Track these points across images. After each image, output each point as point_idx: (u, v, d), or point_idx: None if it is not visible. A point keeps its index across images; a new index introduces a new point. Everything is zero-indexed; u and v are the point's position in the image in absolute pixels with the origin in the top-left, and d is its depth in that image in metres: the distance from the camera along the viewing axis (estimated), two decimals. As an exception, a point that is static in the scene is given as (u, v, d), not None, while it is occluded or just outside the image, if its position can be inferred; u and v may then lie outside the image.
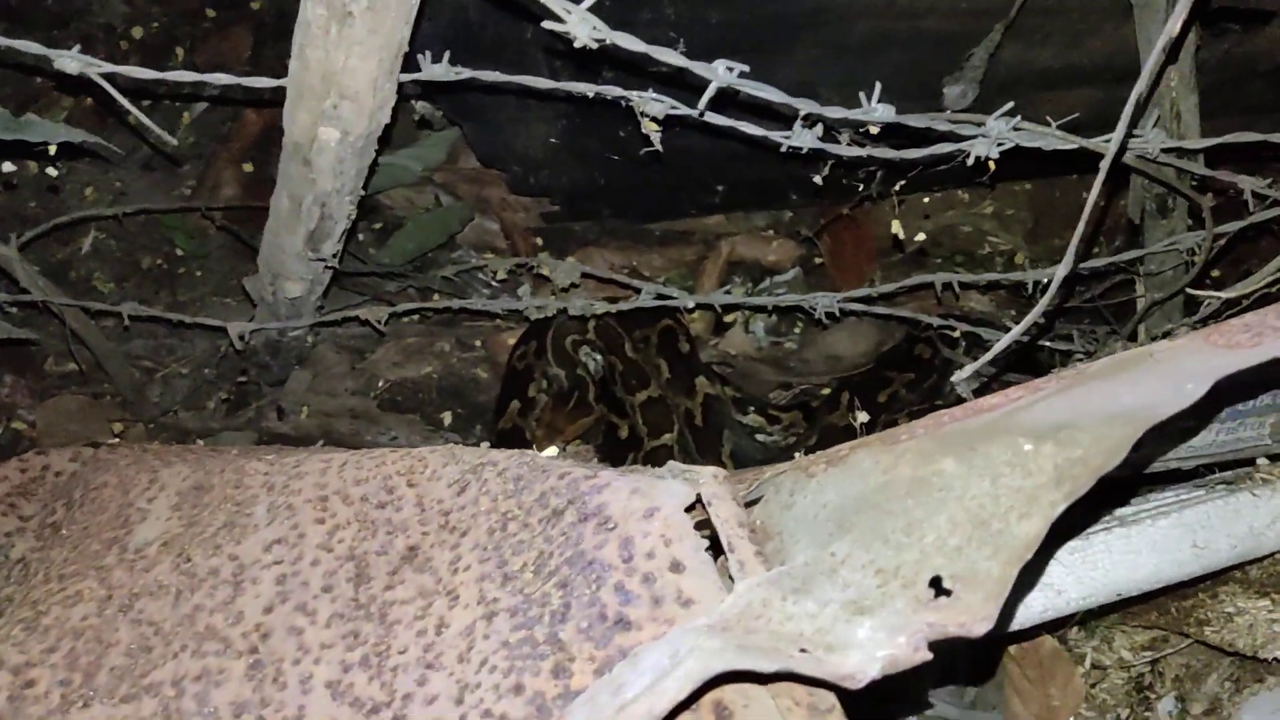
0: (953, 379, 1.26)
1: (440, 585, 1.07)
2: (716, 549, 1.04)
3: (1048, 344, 2.16)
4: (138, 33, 2.88)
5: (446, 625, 1.02)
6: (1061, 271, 1.22)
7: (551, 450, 2.50)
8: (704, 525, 1.04)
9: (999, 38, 1.83)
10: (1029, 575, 0.77)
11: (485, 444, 2.60)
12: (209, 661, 1.04)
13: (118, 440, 1.56)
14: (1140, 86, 1.36)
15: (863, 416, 1.85)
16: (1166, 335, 1.87)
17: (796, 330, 2.84)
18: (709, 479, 1.01)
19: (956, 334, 2.31)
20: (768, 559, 0.97)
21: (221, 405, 2.63)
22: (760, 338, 2.84)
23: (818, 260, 2.96)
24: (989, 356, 1.22)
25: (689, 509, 1.01)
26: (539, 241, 2.89)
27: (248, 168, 2.84)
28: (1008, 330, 2.49)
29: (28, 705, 1.03)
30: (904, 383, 2.62)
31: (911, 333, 2.69)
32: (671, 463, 1.12)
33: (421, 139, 2.72)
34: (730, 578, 0.96)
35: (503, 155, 2.57)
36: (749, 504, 1.10)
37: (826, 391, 2.71)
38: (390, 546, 1.14)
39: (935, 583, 0.82)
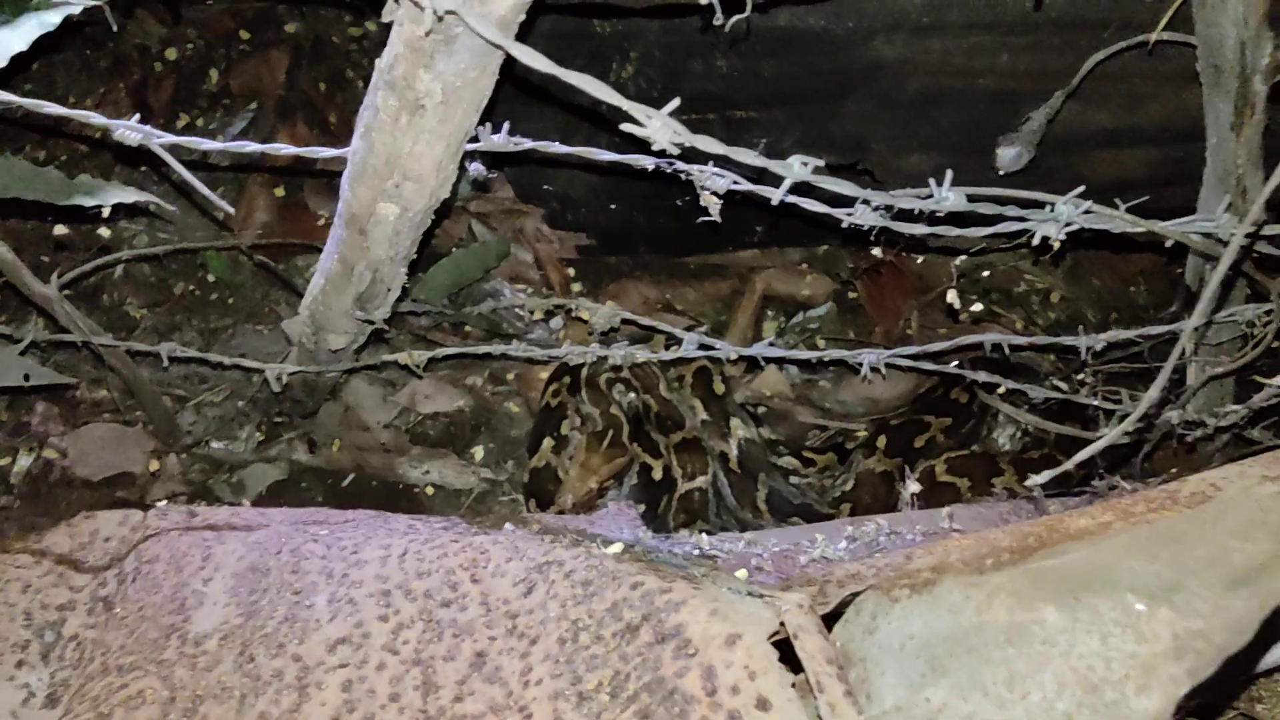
0: (1028, 484, 1.22)
1: (511, 700, 1.05)
2: (791, 664, 1.02)
3: (1095, 402, 2.12)
4: (172, 54, 2.86)
5: (521, 748, 1.00)
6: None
7: (591, 485, 2.48)
8: (780, 645, 1.02)
9: (1060, 104, 1.80)
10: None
11: (520, 480, 2.59)
12: (278, 778, 1.03)
13: (165, 503, 1.54)
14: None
15: (914, 487, 1.82)
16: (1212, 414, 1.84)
17: (831, 370, 2.81)
18: (795, 609, 0.99)
19: (1001, 388, 2.28)
20: (855, 696, 0.94)
21: (254, 436, 2.62)
22: (794, 375, 2.82)
23: (852, 295, 2.93)
24: (1071, 464, 1.18)
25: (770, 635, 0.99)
26: (572, 272, 2.87)
27: (279, 192, 2.83)
28: (1048, 378, 2.47)
29: (94, 821, 1.01)
30: (941, 428, 2.59)
31: (949, 376, 2.66)
32: (729, 577, 1.09)
33: (469, 185, 2.70)
34: (818, 717, 0.93)
35: (541, 192, 2.55)
36: (824, 617, 1.08)
37: (862, 434, 2.68)
38: (457, 652, 1.12)
39: (1043, 750, 0.80)
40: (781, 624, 1.00)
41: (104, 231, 2.50)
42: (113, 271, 2.71)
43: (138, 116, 1.30)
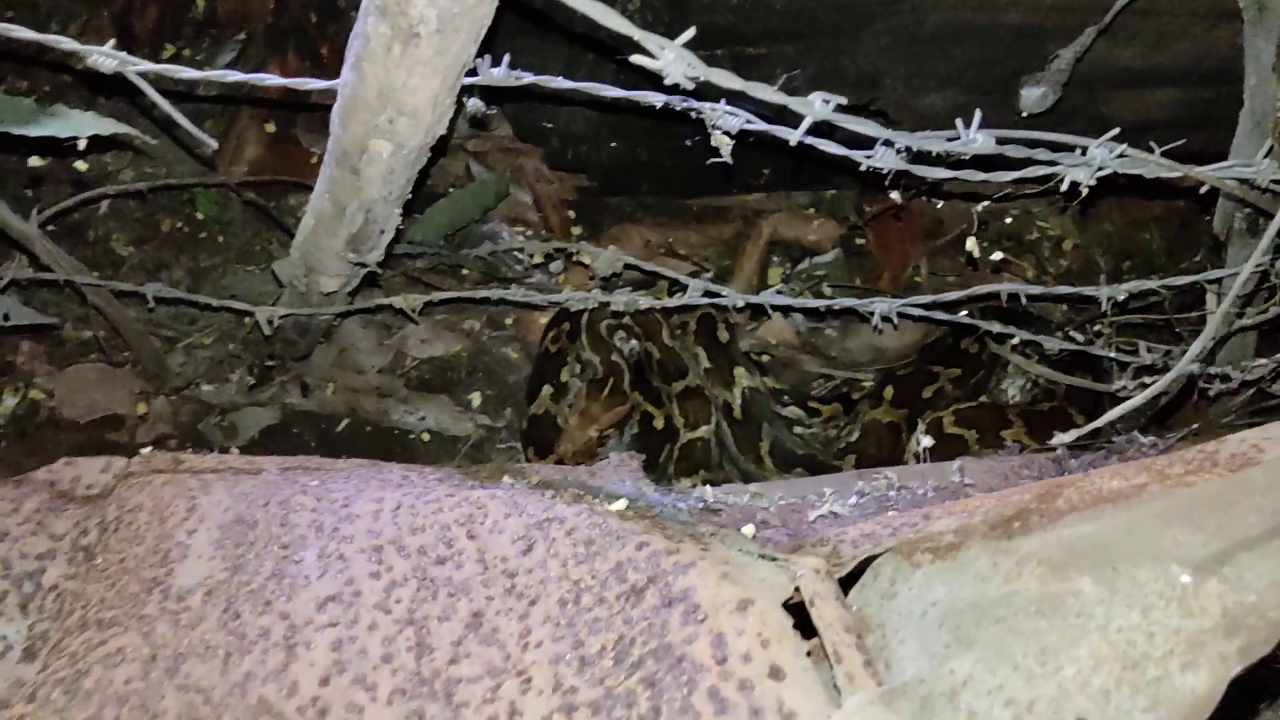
0: (1052, 442, 1.16)
1: (510, 663, 1.00)
2: (804, 630, 0.96)
3: (1111, 354, 2.06)
4: (157, -19, 2.74)
5: (520, 713, 0.95)
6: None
7: (591, 434, 2.43)
8: (794, 611, 0.97)
9: (1090, 42, 1.71)
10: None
11: (518, 427, 2.53)
12: (264, 742, 0.98)
13: (150, 450, 1.48)
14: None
15: (926, 441, 1.76)
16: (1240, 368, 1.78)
17: (837, 318, 2.74)
18: (810, 574, 0.93)
19: (1014, 339, 2.21)
20: (874, 665, 0.89)
21: (245, 379, 2.55)
22: (800, 324, 2.75)
23: (859, 241, 2.86)
24: (1094, 425, 1.12)
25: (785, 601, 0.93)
26: (572, 214, 2.79)
27: (270, 128, 2.74)
28: (1060, 329, 2.41)
29: (70, 786, 0.96)
30: (950, 378, 2.53)
31: (958, 326, 2.59)
32: (755, 540, 1.04)
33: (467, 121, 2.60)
34: (835, 686, 0.88)
35: (541, 130, 2.46)
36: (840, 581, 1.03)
37: (869, 384, 2.62)
38: (453, 611, 1.06)
39: (1079, 730, 0.74)
40: (796, 589, 0.95)
41: (80, 165, 2.40)
42: (97, 208, 2.62)
43: (113, 43, 1.21)
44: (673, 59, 0.97)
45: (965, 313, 2.18)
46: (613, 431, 2.48)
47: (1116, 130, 1.33)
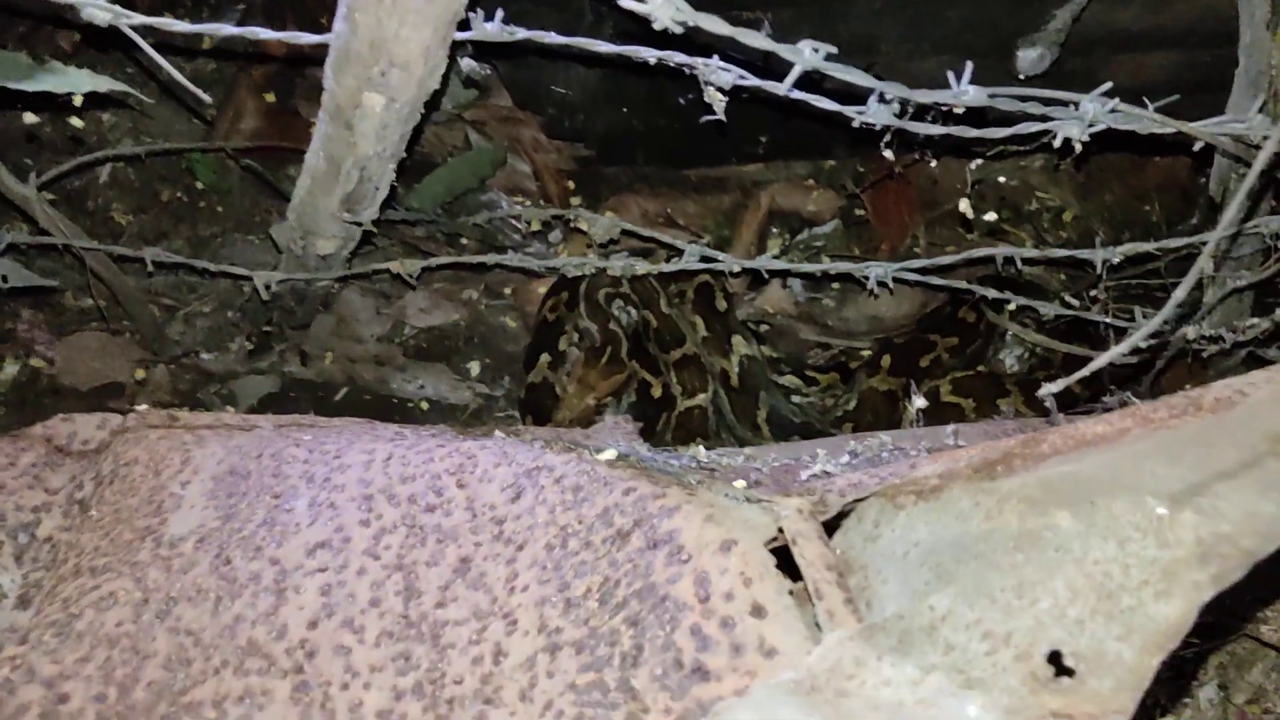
0: (1040, 392, 1.17)
1: (496, 605, 1.01)
2: (788, 573, 0.97)
3: (1106, 320, 2.06)
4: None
5: (505, 654, 0.96)
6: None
7: (588, 402, 2.43)
8: (778, 553, 0.98)
9: (1086, 1, 1.70)
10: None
11: (515, 395, 2.54)
12: (252, 681, 0.98)
13: (146, 407, 1.49)
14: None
15: (920, 403, 1.76)
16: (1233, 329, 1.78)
17: (835, 287, 2.74)
18: (793, 514, 0.94)
19: (1010, 305, 2.21)
20: (855, 603, 0.90)
21: (244, 347, 2.56)
22: (798, 293, 2.75)
23: (858, 212, 2.85)
24: (1085, 373, 1.12)
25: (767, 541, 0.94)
26: (571, 185, 2.79)
27: (269, 97, 2.73)
28: (1057, 297, 2.40)
29: (62, 723, 0.98)
30: (947, 347, 2.53)
31: (956, 294, 2.59)
32: (741, 486, 1.04)
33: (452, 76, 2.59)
34: (816, 624, 0.89)
35: (539, 98, 2.46)
36: (824, 525, 1.03)
37: (866, 353, 2.62)
38: (441, 557, 1.07)
39: (1054, 658, 0.75)
40: (779, 530, 0.95)
41: (76, 121, 2.40)
42: (97, 176, 2.63)
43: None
44: (660, 2, 0.97)
45: (963, 281, 2.18)
46: (610, 400, 2.49)
47: (1109, 85, 1.32)
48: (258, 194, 2.68)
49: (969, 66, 1.26)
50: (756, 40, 1.10)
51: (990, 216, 2.43)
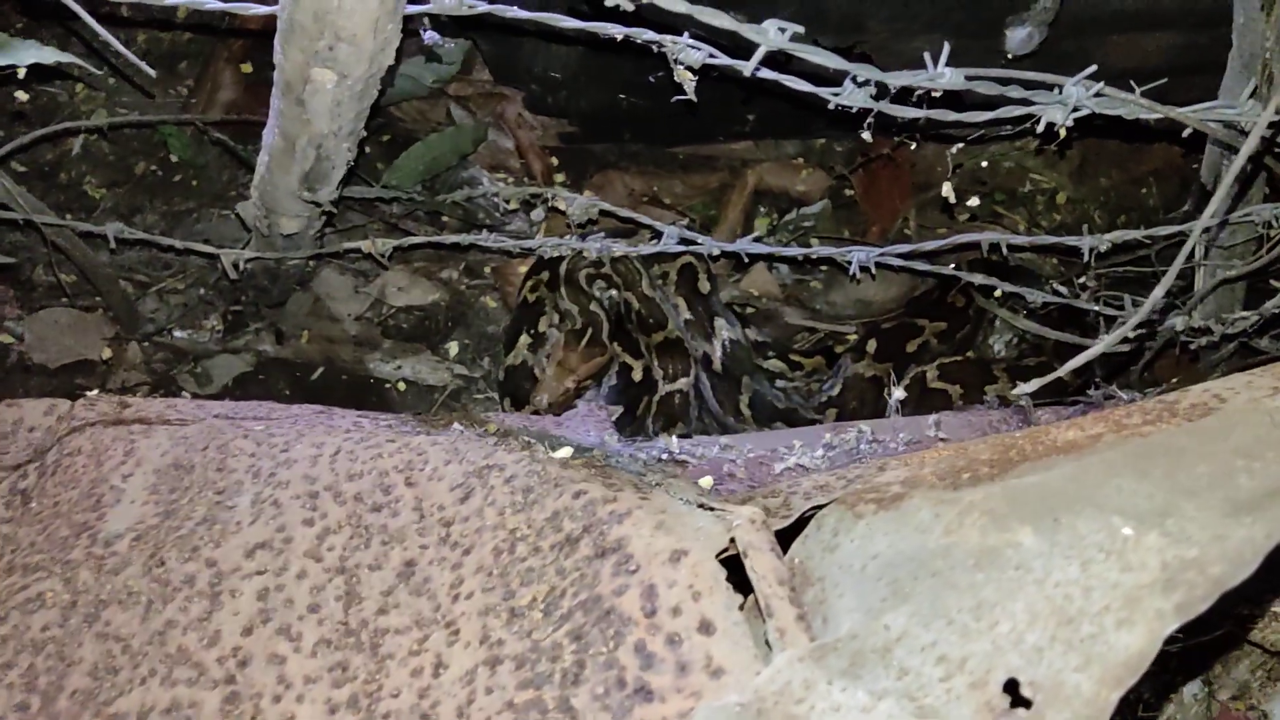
0: (1015, 393, 1.12)
1: (439, 614, 0.96)
2: (740, 584, 0.93)
3: (1095, 307, 2.01)
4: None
5: (445, 666, 0.92)
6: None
7: (568, 384, 2.39)
8: (729, 563, 0.93)
9: (1077, -22, 1.64)
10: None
11: (495, 375, 2.49)
12: (180, 692, 0.94)
13: (96, 393, 1.44)
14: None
15: (899, 394, 1.72)
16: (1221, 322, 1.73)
17: (822, 270, 2.69)
18: (745, 524, 0.89)
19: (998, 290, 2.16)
20: (807, 616, 0.85)
21: (218, 326, 2.51)
22: (784, 275, 2.70)
23: (848, 192, 2.79)
24: (1065, 370, 1.08)
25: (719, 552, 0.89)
26: (555, 162, 2.73)
27: (246, 69, 2.67)
28: (1048, 283, 2.35)
29: (-20, 733, 0.93)
30: (935, 332, 2.48)
31: (945, 279, 2.54)
32: (687, 485, 1.00)
33: (415, 57, 2.53)
34: (766, 642, 0.84)
35: (520, 74, 2.39)
36: (779, 532, 0.99)
37: (852, 338, 2.57)
38: (385, 560, 1.03)
39: (1011, 687, 0.71)
40: (732, 540, 0.91)
41: (18, 98, 2.34)
42: (70, 149, 2.57)
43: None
44: (611, -23, 0.91)
45: (952, 266, 2.13)
46: (590, 382, 2.44)
47: (1094, 68, 1.27)
48: (234, 168, 2.62)
49: (946, 47, 1.20)
50: (718, 19, 1.04)
51: (974, 202, 2.37)
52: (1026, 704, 0.70)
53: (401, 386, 2.51)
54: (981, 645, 0.74)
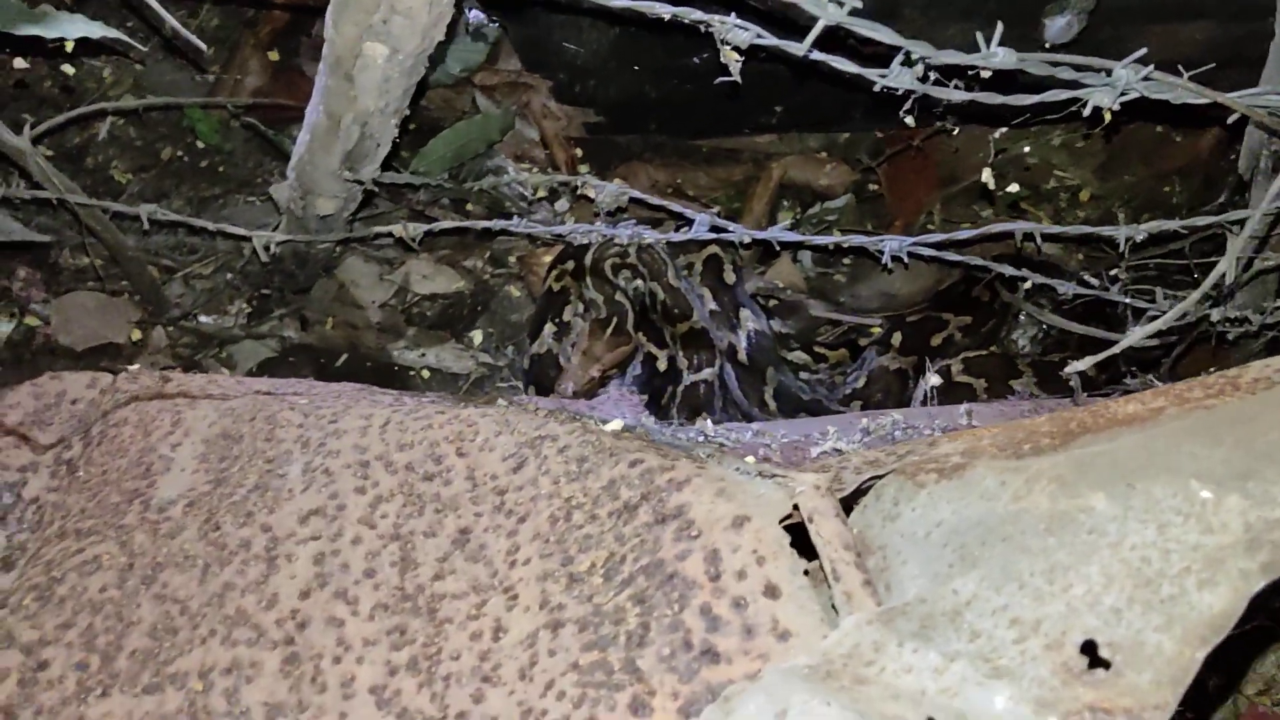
0: (1067, 370, 1.12)
1: (496, 580, 0.96)
2: (802, 551, 0.93)
3: (1126, 300, 2.00)
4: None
5: (505, 630, 0.92)
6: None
7: (592, 373, 2.39)
8: (791, 531, 0.93)
9: (1118, -34, 1.64)
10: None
11: (520, 363, 2.49)
12: (240, 652, 0.94)
13: (138, 367, 1.44)
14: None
15: (934, 380, 1.71)
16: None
17: (847, 262, 2.69)
18: (809, 490, 0.89)
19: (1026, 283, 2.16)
20: (874, 585, 0.85)
21: (244, 311, 2.51)
22: (809, 267, 2.70)
23: (872, 187, 2.79)
24: (1107, 355, 1.07)
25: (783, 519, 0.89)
26: (579, 153, 2.74)
27: (274, 56, 2.68)
28: (1075, 276, 2.35)
29: (40, 691, 0.93)
30: (960, 326, 2.48)
31: (970, 273, 2.54)
32: (754, 462, 1.00)
33: (461, 37, 2.53)
34: (832, 607, 0.84)
35: (549, 61, 2.40)
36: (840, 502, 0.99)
37: (876, 330, 2.57)
38: (439, 527, 1.03)
39: (1088, 648, 0.71)
40: (795, 507, 0.91)
41: (69, 69, 2.34)
42: (97, 132, 2.58)
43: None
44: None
45: (979, 258, 2.12)
46: (615, 372, 2.44)
47: (1143, 50, 1.27)
48: (260, 154, 2.63)
49: (999, 27, 1.20)
50: (781, -9, 1.04)
51: (1013, 188, 2.37)
52: (1105, 665, 0.70)
53: (426, 374, 2.51)
54: (1056, 607, 0.74)
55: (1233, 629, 1.76)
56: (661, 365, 2.44)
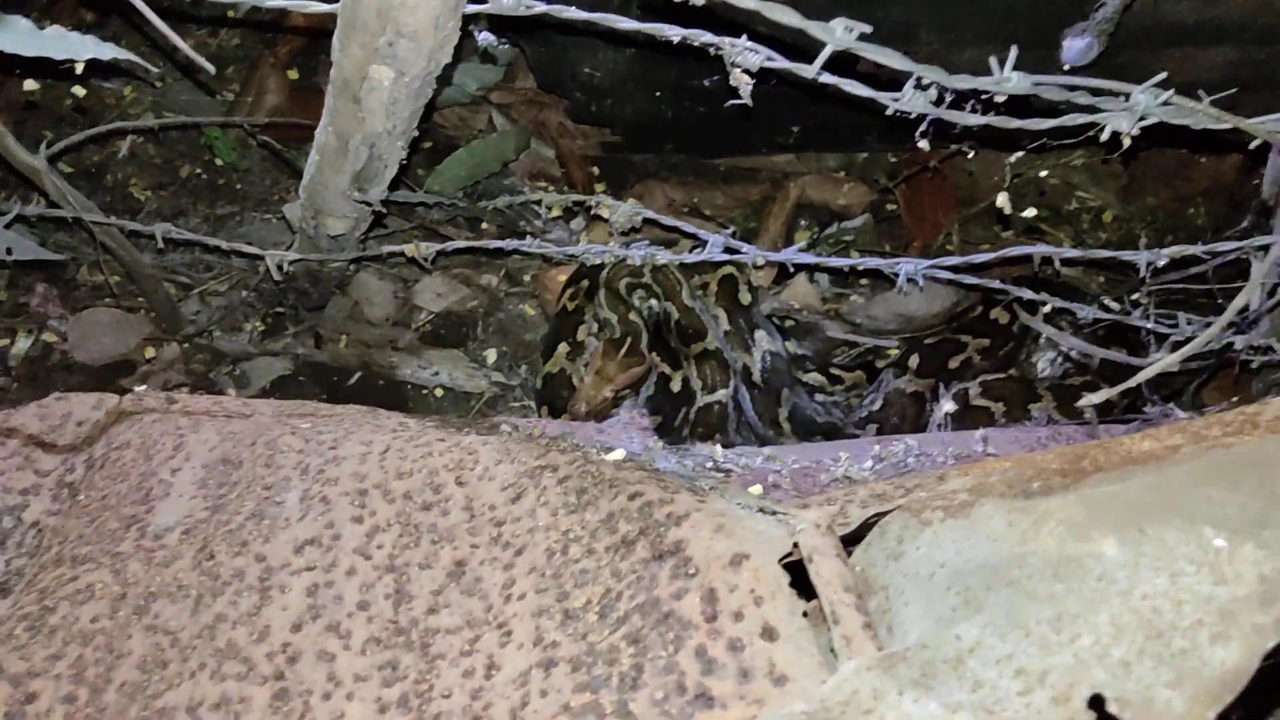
0: (1080, 403, 1.09)
1: (491, 614, 0.94)
2: (801, 591, 0.90)
3: (1148, 324, 1.97)
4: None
5: (497, 668, 0.90)
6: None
7: (606, 394, 2.37)
8: (791, 569, 0.91)
9: (1138, -11, 1.62)
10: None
11: (532, 384, 2.48)
12: (229, 687, 0.93)
13: (144, 388, 1.43)
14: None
15: (949, 406, 1.68)
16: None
17: (864, 284, 2.66)
18: (810, 528, 0.87)
19: (1046, 306, 2.12)
20: (874, 629, 0.83)
21: (258, 328, 2.51)
22: (825, 288, 2.67)
23: (890, 207, 2.77)
24: (1126, 386, 1.05)
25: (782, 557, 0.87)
26: (596, 171, 2.73)
27: (293, 75, 2.69)
28: (1096, 299, 2.31)
29: (28, 724, 0.92)
30: (978, 349, 2.44)
31: (989, 294, 2.51)
32: (754, 494, 0.97)
33: (471, 58, 2.53)
34: (831, 650, 0.82)
35: (565, 81, 2.39)
36: (844, 539, 0.96)
37: (894, 352, 2.54)
38: (435, 559, 1.01)
39: (1096, 703, 0.68)
40: (795, 545, 0.88)
41: (79, 90, 2.36)
42: (116, 151, 2.59)
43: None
44: (682, -27, 0.90)
45: (997, 281, 2.09)
46: (628, 392, 2.42)
47: (1163, 75, 1.24)
48: (277, 172, 2.63)
49: (1013, 51, 1.18)
50: (785, 16, 1.03)
51: (1029, 213, 2.34)
52: (1113, 720, 0.67)
53: (439, 393, 2.50)
54: (1063, 658, 0.71)
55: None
56: (675, 386, 2.42)
